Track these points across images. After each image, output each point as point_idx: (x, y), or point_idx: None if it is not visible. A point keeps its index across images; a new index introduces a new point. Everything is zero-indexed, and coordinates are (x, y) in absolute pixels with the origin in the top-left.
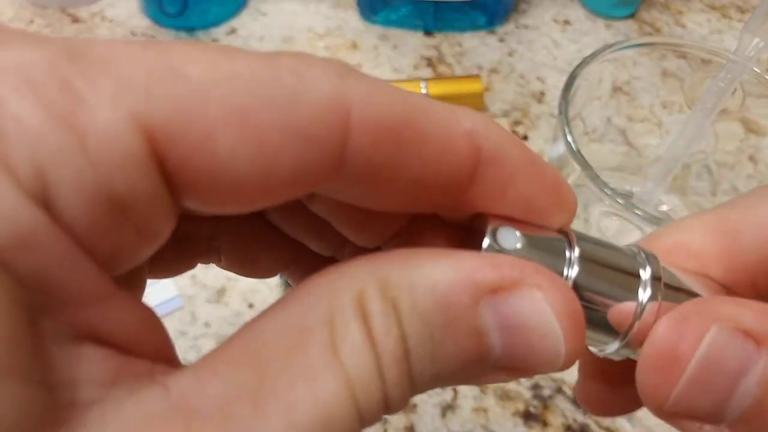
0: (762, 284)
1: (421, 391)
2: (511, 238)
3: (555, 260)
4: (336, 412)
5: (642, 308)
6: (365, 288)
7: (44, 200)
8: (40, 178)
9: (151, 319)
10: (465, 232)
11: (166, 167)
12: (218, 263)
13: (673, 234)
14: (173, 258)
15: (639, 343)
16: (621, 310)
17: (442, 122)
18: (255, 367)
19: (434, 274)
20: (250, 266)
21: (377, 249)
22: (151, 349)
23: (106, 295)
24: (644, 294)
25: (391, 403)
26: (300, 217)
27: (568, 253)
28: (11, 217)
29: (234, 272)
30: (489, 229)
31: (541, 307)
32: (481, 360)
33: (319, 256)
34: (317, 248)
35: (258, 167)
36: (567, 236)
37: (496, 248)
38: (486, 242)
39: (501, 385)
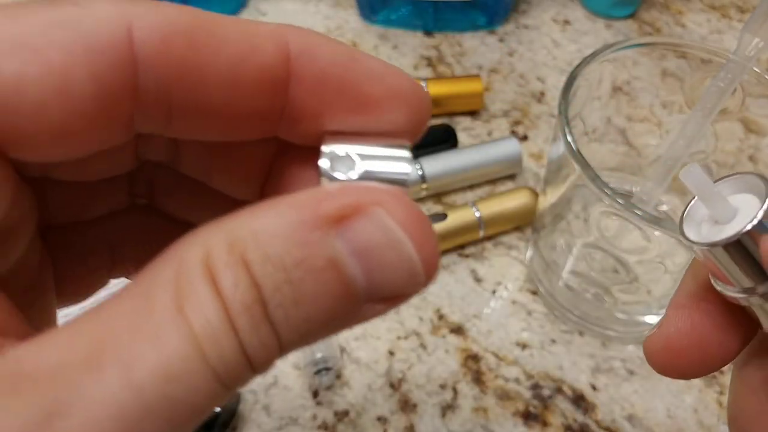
0: None
1: (297, 341)
2: (347, 163)
3: (398, 170)
4: (180, 368)
5: None
6: (212, 246)
7: None
8: None
9: None
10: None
11: None
12: (128, 275)
13: None
14: (77, 277)
15: None
16: None
17: (240, 25)
18: (98, 331)
19: (278, 219)
20: None
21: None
22: None
23: None
24: None
25: (252, 353)
26: (182, 192)
27: (406, 154)
28: None
29: None
30: (323, 158)
31: (384, 221)
32: (348, 293)
33: None
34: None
35: (53, 83)
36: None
37: (334, 177)
38: (322, 173)
39: (501, 384)
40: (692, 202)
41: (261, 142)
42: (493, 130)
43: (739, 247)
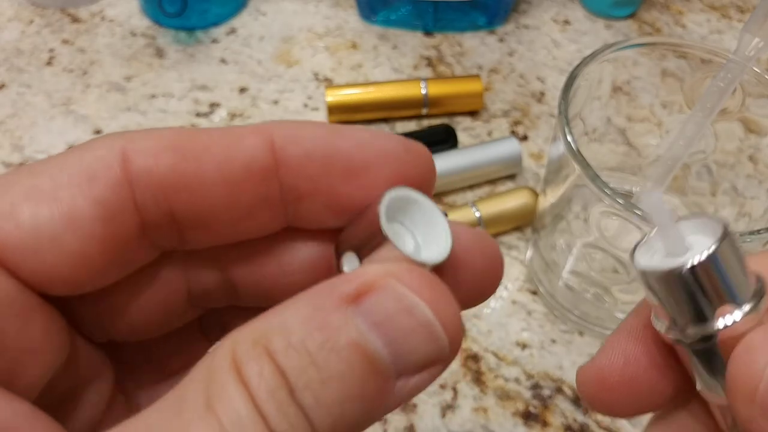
0: None
1: (333, 425)
2: (353, 260)
3: (384, 239)
4: None
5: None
6: (238, 343)
7: None
8: None
9: (27, 413)
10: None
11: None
12: None
13: None
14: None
15: (730, 344)
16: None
17: (224, 130)
18: None
19: (298, 309)
20: None
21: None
22: None
23: None
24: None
25: None
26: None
27: (383, 220)
28: None
29: None
30: (336, 258)
31: (396, 290)
32: (375, 368)
33: None
34: None
35: (61, 216)
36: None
37: (346, 270)
38: (338, 268)
39: (501, 384)
40: (651, 233)
41: (313, 259)
42: (493, 130)
43: (681, 281)
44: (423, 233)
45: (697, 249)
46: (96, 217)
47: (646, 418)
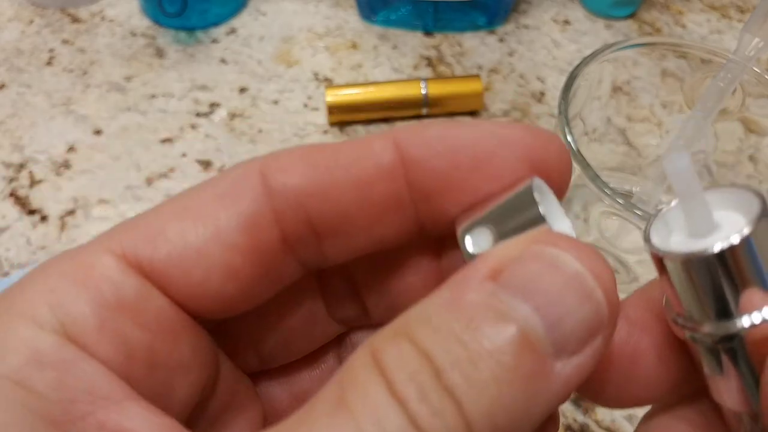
0: None
1: (491, 411)
2: (484, 235)
3: (531, 215)
4: None
5: None
6: (377, 338)
7: (64, 332)
8: (56, 319)
9: (173, 427)
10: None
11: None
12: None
13: None
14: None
15: (762, 345)
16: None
17: (347, 141)
18: None
19: (438, 296)
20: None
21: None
22: None
23: (120, 398)
24: None
25: (425, 425)
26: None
27: (537, 198)
28: (27, 345)
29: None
30: (460, 237)
31: (539, 250)
32: (527, 342)
33: None
34: None
35: (208, 240)
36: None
37: (476, 252)
38: (465, 251)
39: None
40: (671, 204)
41: (442, 275)
42: None
43: (705, 268)
44: None
45: (728, 229)
46: (238, 229)
47: None
